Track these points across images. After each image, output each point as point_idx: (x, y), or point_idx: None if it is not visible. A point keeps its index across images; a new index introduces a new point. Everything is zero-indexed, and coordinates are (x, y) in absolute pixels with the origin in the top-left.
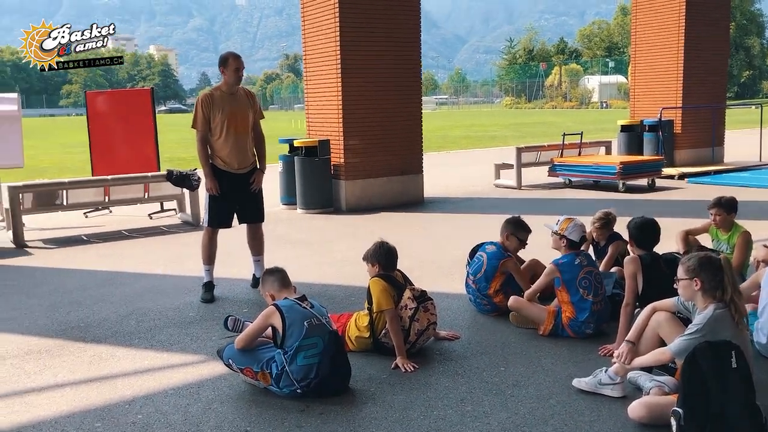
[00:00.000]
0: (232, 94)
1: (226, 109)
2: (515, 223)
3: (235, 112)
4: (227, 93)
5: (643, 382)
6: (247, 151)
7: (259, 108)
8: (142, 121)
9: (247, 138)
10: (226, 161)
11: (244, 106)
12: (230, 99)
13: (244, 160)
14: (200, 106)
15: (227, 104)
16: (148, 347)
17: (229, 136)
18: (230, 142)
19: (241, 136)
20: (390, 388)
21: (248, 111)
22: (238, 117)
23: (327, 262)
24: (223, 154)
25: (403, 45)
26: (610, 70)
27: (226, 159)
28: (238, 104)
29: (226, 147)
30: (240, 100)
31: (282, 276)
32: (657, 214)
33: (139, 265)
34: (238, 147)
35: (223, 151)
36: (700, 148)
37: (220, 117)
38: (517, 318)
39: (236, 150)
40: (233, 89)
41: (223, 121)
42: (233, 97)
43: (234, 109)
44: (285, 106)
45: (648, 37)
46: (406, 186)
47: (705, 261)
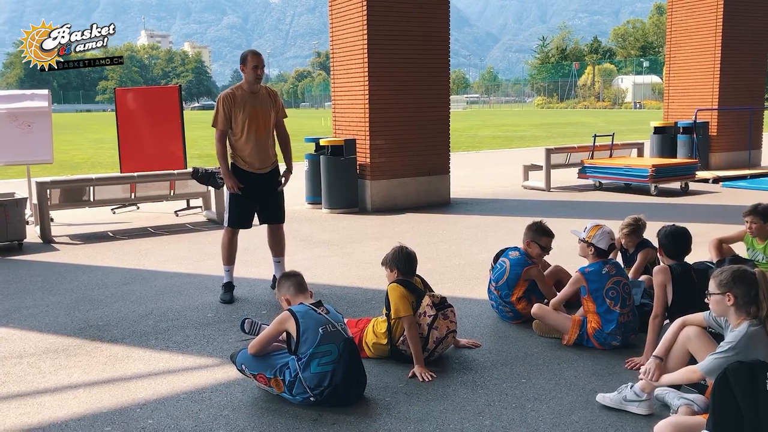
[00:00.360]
0: (254, 93)
1: (247, 108)
2: (536, 230)
3: (257, 112)
4: (249, 92)
5: (670, 399)
6: (268, 150)
7: (281, 107)
8: (170, 118)
9: (268, 138)
10: (248, 161)
11: (266, 106)
12: (252, 98)
13: (265, 160)
14: (221, 105)
15: (249, 103)
16: (164, 348)
17: (250, 135)
18: (252, 142)
19: (263, 135)
20: (406, 398)
21: (270, 110)
22: (259, 116)
23: (349, 264)
24: (245, 153)
25: (431, 43)
26: (644, 70)
27: (247, 159)
28: (260, 103)
29: (248, 147)
30: (262, 99)
31: (298, 280)
32: (689, 220)
33: (161, 263)
34: (260, 147)
35: (244, 150)
36: (736, 151)
37: (242, 116)
38: (541, 327)
39: (258, 150)
40: (254, 88)
41: (244, 121)
42: (255, 96)
43: (256, 108)
44: (316, 103)
45: (684, 36)
46: (432, 187)
47: (739, 275)
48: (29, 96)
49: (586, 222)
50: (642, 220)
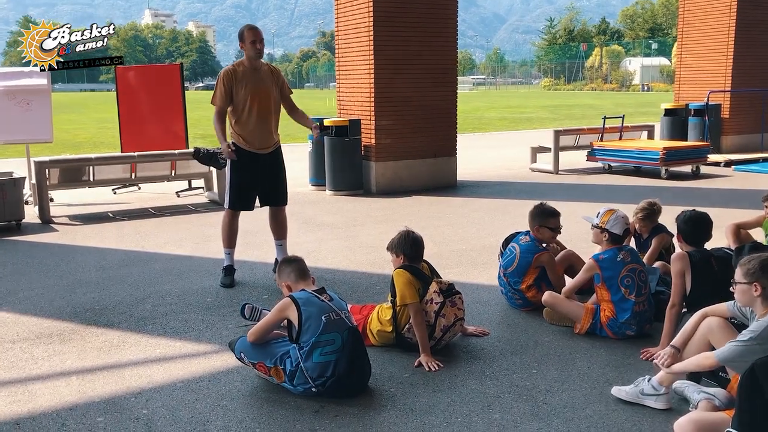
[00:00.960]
0: (256, 69)
1: (249, 85)
2: (541, 213)
3: (259, 89)
4: (250, 68)
5: (690, 393)
6: (270, 130)
7: (285, 83)
8: (171, 97)
9: (270, 116)
10: (249, 140)
11: (267, 83)
12: (253, 75)
13: (267, 140)
14: (221, 81)
15: (250, 80)
16: (161, 334)
17: (251, 113)
18: (253, 120)
19: (265, 114)
20: (412, 389)
21: (272, 88)
22: (261, 94)
23: (353, 247)
24: (246, 132)
25: (439, 22)
26: (652, 52)
27: (248, 138)
28: (261, 80)
29: (249, 125)
30: (264, 76)
31: (300, 266)
32: (701, 204)
33: (161, 245)
34: (261, 126)
35: (245, 129)
36: (749, 134)
37: (243, 93)
38: (552, 315)
39: (259, 129)
40: (256, 64)
41: (246, 98)
42: (257, 72)
43: (257, 85)
44: (321, 84)
45: (697, 17)
46: (438, 168)
47: (767, 264)
48: (27, 73)
49: (596, 206)
50: (657, 204)
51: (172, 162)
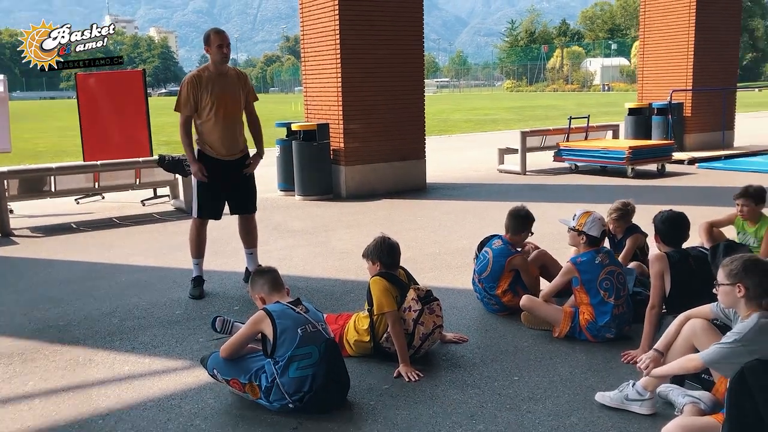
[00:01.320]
0: (222, 74)
1: (214, 90)
2: (524, 217)
3: (225, 94)
4: (216, 73)
5: (675, 397)
6: (237, 136)
7: (252, 90)
8: (134, 103)
9: (237, 123)
10: (215, 147)
11: (234, 88)
12: (219, 80)
13: (234, 146)
14: (186, 87)
15: (216, 85)
16: (129, 350)
17: (218, 120)
18: (219, 127)
19: (231, 120)
20: (392, 401)
21: (239, 93)
22: (227, 99)
23: (325, 253)
24: (212, 139)
25: (405, 25)
26: (612, 52)
27: (214, 145)
28: (227, 86)
29: (215, 132)
30: (230, 81)
31: (273, 277)
32: (670, 202)
33: (127, 256)
34: (228, 132)
35: (211, 136)
36: (711, 132)
37: (209, 99)
38: (530, 319)
39: (226, 135)
40: (222, 69)
41: (211, 104)
42: (223, 77)
43: (223, 90)
44: (285, 88)
45: (658, 17)
46: (408, 171)
47: (750, 264)
48: None
49: (565, 206)
50: (631, 204)
51: (137, 170)
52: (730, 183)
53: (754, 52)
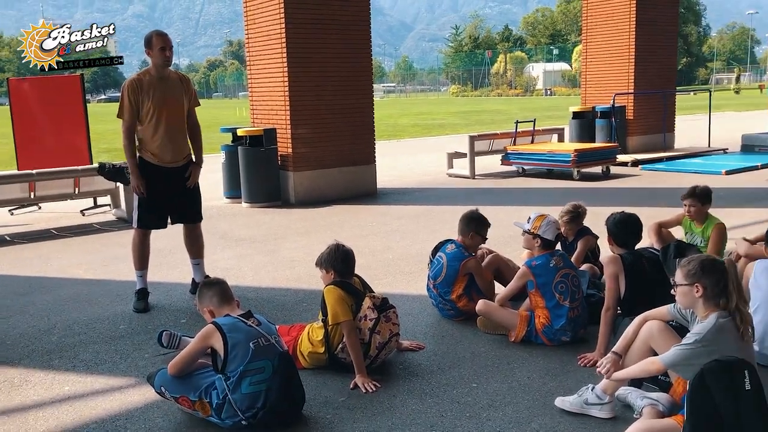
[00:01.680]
0: (163, 78)
1: (156, 95)
2: (478, 220)
3: (167, 99)
4: (157, 77)
5: (633, 399)
6: (180, 142)
7: (194, 95)
8: (72, 110)
9: (180, 128)
10: (157, 154)
11: (176, 93)
12: (161, 84)
13: (177, 153)
14: (126, 93)
15: (157, 90)
16: (70, 369)
17: (159, 125)
18: (161, 133)
19: (174, 125)
20: (349, 414)
21: (182, 98)
22: (169, 104)
23: (276, 262)
24: (153, 146)
25: (352, 30)
26: (554, 57)
27: (156, 152)
28: (169, 90)
29: (157, 138)
30: (172, 85)
31: (222, 288)
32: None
33: (67, 269)
34: (170, 138)
35: (153, 142)
36: (652, 134)
37: (150, 104)
38: (486, 324)
39: (168, 141)
40: (163, 72)
41: (152, 109)
42: (164, 81)
43: (165, 95)
44: (229, 93)
45: (599, 22)
46: (358, 177)
47: (708, 264)
48: None
49: (514, 209)
50: (582, 207)
51: (75, 179)
52: (673, 184)
53: (688, 57)
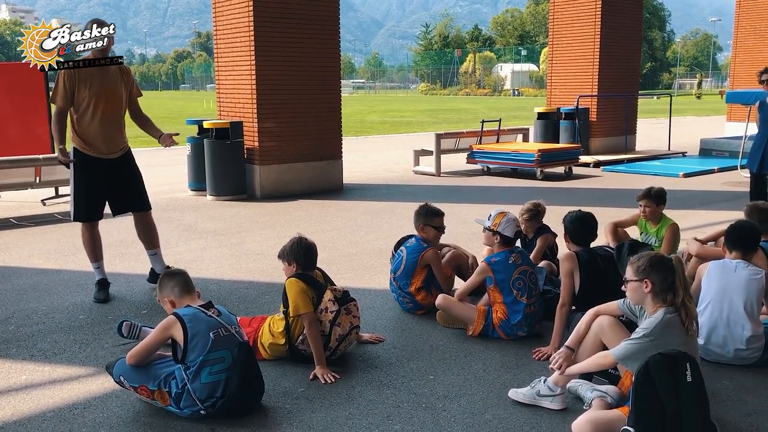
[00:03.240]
0: (102, 68)
1: (94, 84)
2: (426, 212)
3: (105, 89)
4: (97, 67)
5: (583, 392)
6: (117, 133)
7: (134, 84)
8: (35, 98)
9: (117, 119)
10: (92, 144)
11: (115, 83)
12: (99, 74)
13: (114, 144)
14: (62, 78)
15: (95, 80)
16: (27, 358)
17: (95, 115)
18: (96, 123)
19: (111, 116)
20: (308, 404)
21: (120, 89)
22: (108, 95)
23: (239, 255)
24: (89, 136)
25: (321, 24)
26: (522, 58)
27: (92, 142)
28: (108, 80)
29: (92, 128)
30: (112, 75)
31: (183, 279)
32: (576, 203)
33: (26, 258)
34: (107, 129)
35: (88, 133)
36: (614, 136)
37: (87, 93)
38: (445, 318)
39: (105, 132)
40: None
41: (90, 98)
42: (103, 72)
43: (103, 85)
44: (197, 85)
45: (566, 24)
46: (324, 172)
47: (656, 261)
48: None
49: (478, 206)
50: (542, 205)
51: (36, 168)
52: (633, 185)
53: (653, 62)
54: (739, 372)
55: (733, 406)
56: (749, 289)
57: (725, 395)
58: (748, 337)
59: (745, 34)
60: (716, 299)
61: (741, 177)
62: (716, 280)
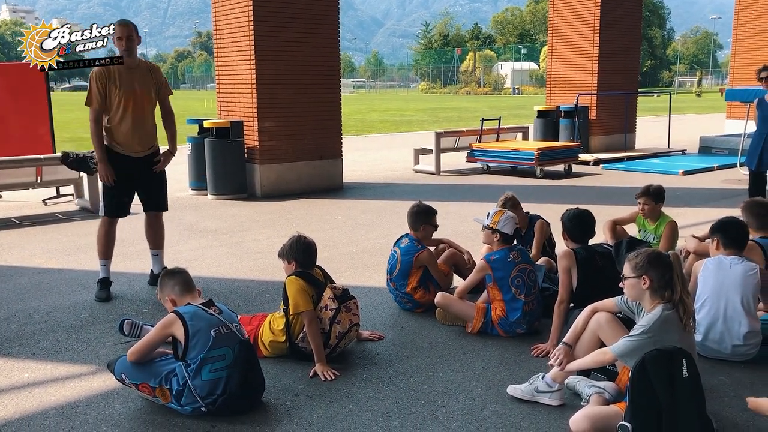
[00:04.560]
0: (131, 68)
1: (123, 84)
2: (426, 212)
3: (134, 89)
4: (125, 67)
5: (581, 388)
6: (147, 132)
7: (165, 83)
8: (36, 98)
9: (148, 118)
10: (123, 144)
11: (144, 82)
12: (128, 73)
13: (144, 143)
14: (94, 81)
15: (125, 79)
16: (30, 356)
17: (126, 115)
18: (128, 122)
19: (141, 115)
20: (308, 401)
21: (150, 88)
22: (137, 94)
23: (240, 254)
24: (120, 135)
25: (320, 23)
26: (522, 56)
27: (122, 141)
28: (137, 79)
29: (124, 127)
30: (141, 75)
31: (183, 278)
32: (576, 201)
33: (28, 258)
34: (137, 128)
35: (119, 132)
36: (614, 134)
37: (117, 93)
38: (444, 315)
39: (135, 131)
40: (131, 62)
41: (119, 99)
42: (132, 71)
43: (132, 84)
44: (197, 85)
45: (565, 23)
46: (324, 171)
47: (654, 258)
48: None
49: (477, 205)
50: (511, 194)
51: (38, 168)
52: (632, 183)
53: (653, 60)
54: (737, 368)
55: (729, 402)
56: (745, 285)
57: (722, 391)
58: (745, 333)
59: (744, 32)
60: (713, 296)
61: (740, 174)
62: (712, 277)
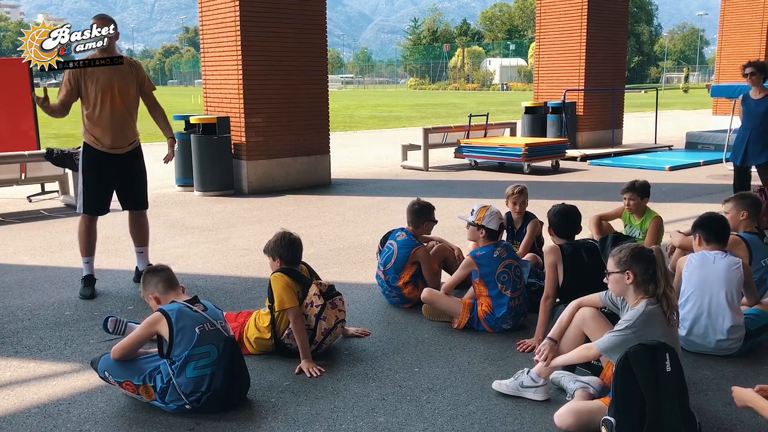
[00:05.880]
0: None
1: (101, 79)
2: (428, 209)
3: (113, 84)
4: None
5: (566, 383)
6: (126, 128)
7: (146, 78)
8: (19, 94)
9: (126, 114)
10: (100, 139)
11: (124, 78)
12: (107, 69)
13: (121, 140)
14: (67, 75)
15: (103, 74)
16: (12, 355)
17: (104, 111)
18: (105, 118)
19: (120, 111)
20: (293, 398)
21: (130, 84)
22: (115, 89)
23: (226, 250)
24: (98, 131)
25: (308, 18)
26: (510, 53)
27: (100, 137)
28: (117, 75)
29: (101, 124)
30: (120, 70)
31: (167, 275)
32: (563, 197)
33: (11, 255)
34: (115, 124)
35: (97, 128)
36: (601, 130)
37: (94, 88)
38: (430, 311)
39: (112, 127)
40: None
41: (97, 94)
42: (111, 67)
43: (111, 80)
44: (185, 81)
45: (553, 18)
46: (312, 167)
47: (637, 252)
48: None
49: (465, 201)
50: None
51: (22, 164)
52: (619, 179)
53: (640, 56)
54: (721, 362)
55: (713, 396)
56: (729, 279)
57: (705, 385)
58: (728, 327)
59: (730, 28)
60: (697, 291)
61: (726, 170)
62: (697, 272)
